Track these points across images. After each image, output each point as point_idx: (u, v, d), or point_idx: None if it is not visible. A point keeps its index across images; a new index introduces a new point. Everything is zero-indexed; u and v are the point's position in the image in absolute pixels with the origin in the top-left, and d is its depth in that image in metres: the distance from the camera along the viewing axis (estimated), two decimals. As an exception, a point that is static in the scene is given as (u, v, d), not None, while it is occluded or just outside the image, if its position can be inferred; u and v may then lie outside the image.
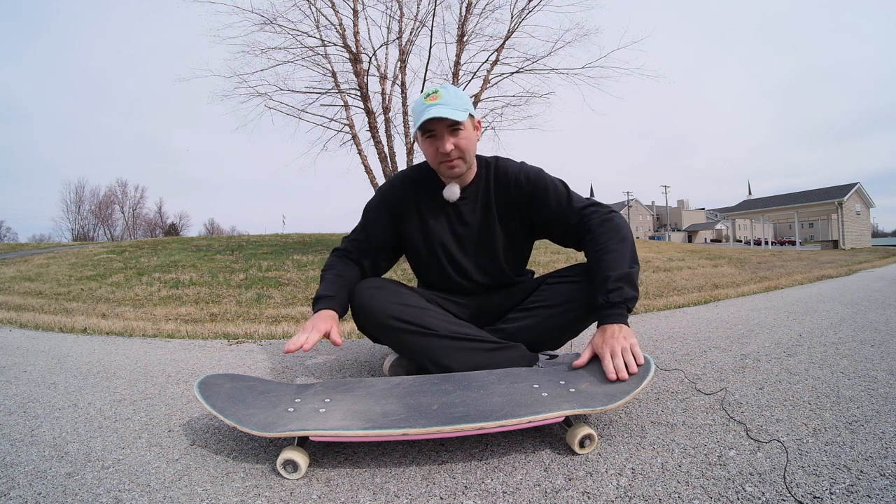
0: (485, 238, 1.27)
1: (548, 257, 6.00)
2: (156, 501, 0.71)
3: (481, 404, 0.86)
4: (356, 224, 1.33)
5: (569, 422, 0.86)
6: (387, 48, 7.66)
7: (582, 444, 0.83)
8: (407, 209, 1.28)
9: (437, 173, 1.26)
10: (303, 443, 0.82)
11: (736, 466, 0.76)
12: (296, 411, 0.87)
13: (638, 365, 0.91)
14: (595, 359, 0.98)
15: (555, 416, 0.81)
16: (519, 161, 1.30)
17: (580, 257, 1.34)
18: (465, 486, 0.74)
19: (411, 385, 0.98)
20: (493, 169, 1.27)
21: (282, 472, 0.78)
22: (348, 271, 1.24)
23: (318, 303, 1.14)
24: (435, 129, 1.14)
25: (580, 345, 1.70)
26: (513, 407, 0.84)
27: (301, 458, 0.79)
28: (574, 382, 0.92)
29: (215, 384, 0.98)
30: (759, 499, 0.67)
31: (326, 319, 1.08)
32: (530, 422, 0.81)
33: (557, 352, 1.25)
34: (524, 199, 1.24)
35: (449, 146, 1.13)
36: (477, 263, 1.29)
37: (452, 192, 1.24)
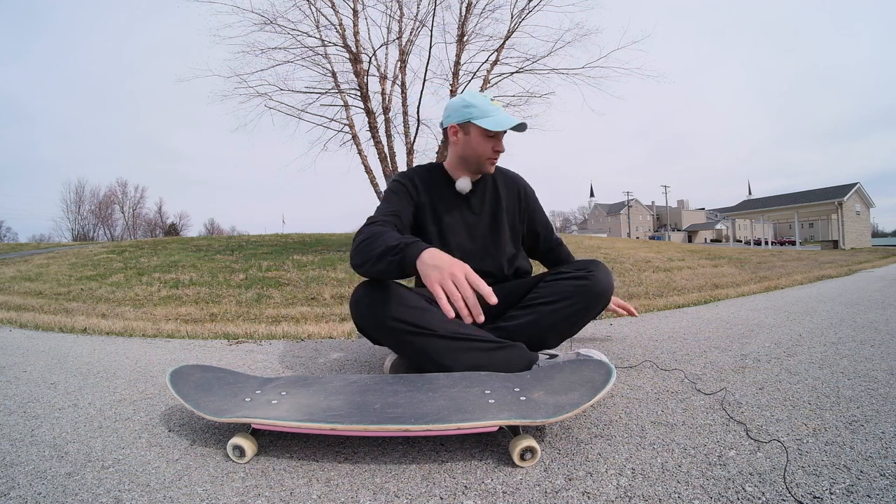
0: (493, 227, 1.40)
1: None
2: (156, 501, 0.71)
3: (422, 407, 0.86)
4: (379, 206, 1.28)
5: (516, 431, 0.82)
6: (387, 48, 7.67)
7: (522, 457, 0.79)
8: (422, 199, 1.36)
9: (462, 168, 1.37)
10: (255, 432, 0.87)
11: (736, 466, 0.76)
12: (252, 401, 0.94)
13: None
14: (555, 368, 1.02)
15: (487, 424, 0.79)
16: None
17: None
18: (465, 486, 0.74)
19: (366, 383, 1.00)
20: (496, 168, 1.44)
21: (230, 455, 0.85)
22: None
23: (410, 248, 0.97)
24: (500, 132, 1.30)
25: (579, 342, 1.70)
26: (451, 412, 0.83)
27: (248, 445, 0.84)
28: (527, 391, 0.91)
29: (186, 374, 1.08)
30: (759, 499, 0.67)
31: (455, 262, 0.91)
32: (459, 428, 0.79)
33: (557, 350, 1.25)
34: (522, 200, 1.47)
35: (503, 147, 1.32)
36: (485, 250, 1.38)
37: (465, 184, 1.36)
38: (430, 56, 7.39)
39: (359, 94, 7.30)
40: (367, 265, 1.05)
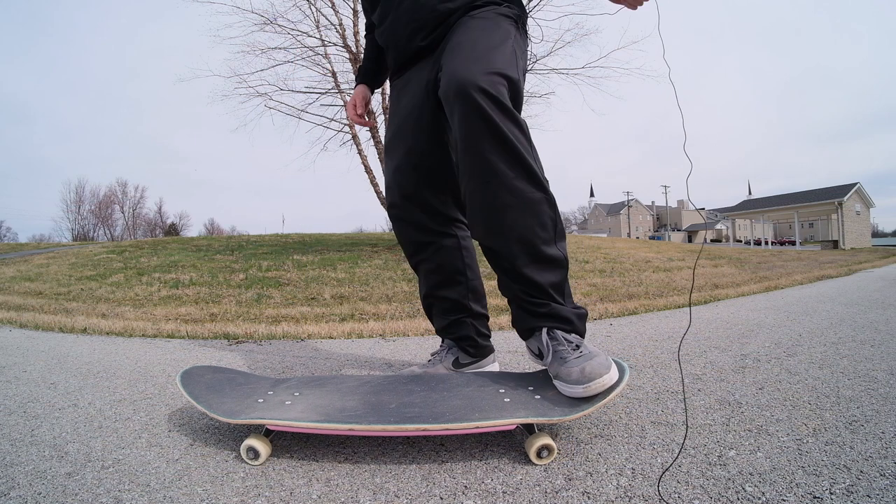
0: None
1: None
2: (156, 501, 0.71)
3: (438, 406, 0.86)
4: None
5: (531, 429, 0.82)
6: (387, 48, 7.65)
7: (539, 455, 0.79)
8: None
9: None
10: (268, 432, 0.86)
11: (736, 466, 0.76)
12: (265, 402, 0.93)
13: None
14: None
15: (505, 423, 0.80)
16: None
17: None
18: (465, 486, 0.74)
19: (379, 383, 1.01)
20: None
21: (244, 457, 0.83)
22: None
23: (357, 79, 1.47)
24: None
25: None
26: (468, 411, 0.83)
27: (262, 446, 0.83)
28: (542, 389, 0.91)
29: (197, 374, 1.07)
30: (759, 499, 0.67)
31: (359, 92, 1.41)
32: (478, 427, 0.79)
33: None
34: None
35: None
36: None
37: None
38: (430, 56, 7.39)
39: (359, 94, 7.29)
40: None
